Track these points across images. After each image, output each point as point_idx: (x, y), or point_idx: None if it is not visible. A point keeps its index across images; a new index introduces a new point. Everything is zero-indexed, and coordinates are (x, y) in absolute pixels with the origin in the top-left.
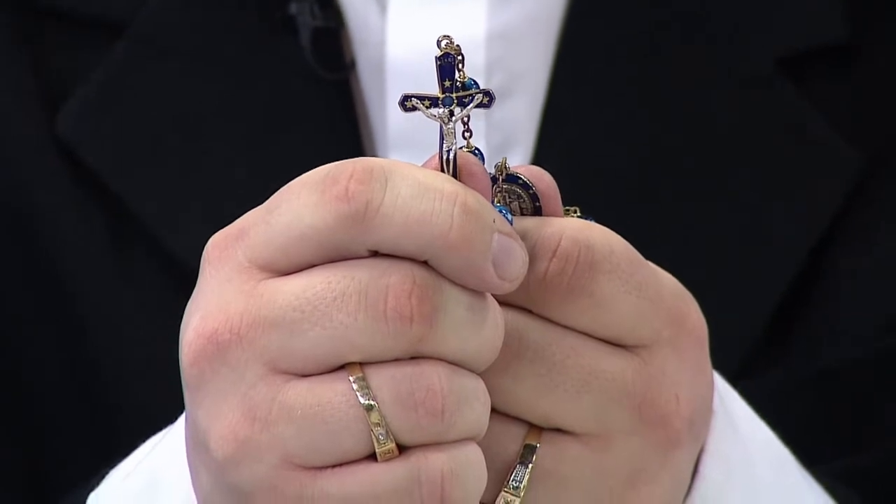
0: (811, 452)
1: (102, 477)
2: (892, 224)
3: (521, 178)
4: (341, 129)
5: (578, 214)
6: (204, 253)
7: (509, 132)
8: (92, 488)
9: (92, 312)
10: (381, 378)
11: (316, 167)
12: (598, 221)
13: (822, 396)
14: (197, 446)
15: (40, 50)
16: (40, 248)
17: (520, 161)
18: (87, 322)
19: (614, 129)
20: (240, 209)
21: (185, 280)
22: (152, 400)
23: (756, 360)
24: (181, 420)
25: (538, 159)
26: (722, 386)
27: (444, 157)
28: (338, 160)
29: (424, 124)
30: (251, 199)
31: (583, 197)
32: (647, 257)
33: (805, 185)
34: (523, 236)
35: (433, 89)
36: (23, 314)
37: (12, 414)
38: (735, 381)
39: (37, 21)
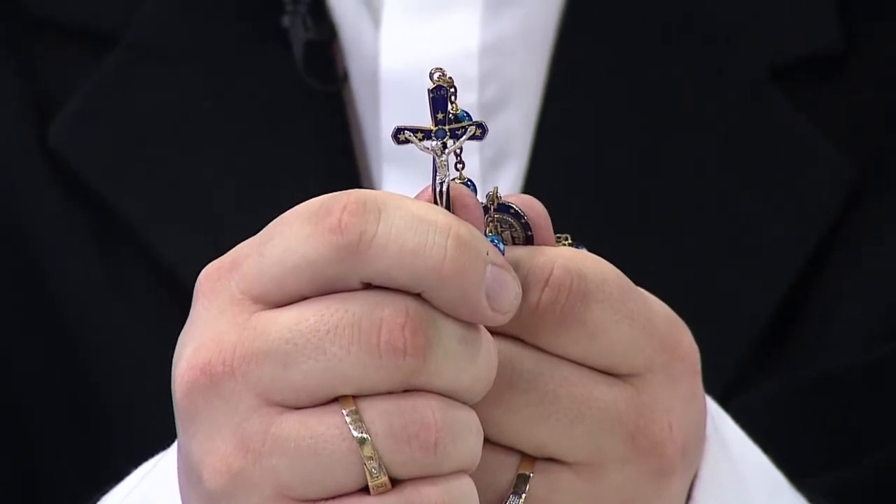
0: (805, 462)
1: (94, 502)
2: (886, 232)
3: (512, 208)
4: (334, 141)
5: (570, 242)
6: (196, 284)
7: (503, 144)
8: None
9: (81, 322)
10: (374, 411)
11: (308, 179)
12: (592, 233)
13: (817, 406)
14: (189, 477)
15: (31, 61)
16: (30, 259)
17: (514, 173)
18: (77, 332)
19: (609, 140)
20: (232, 220)
21: (176, 290)
22: (143, 410)
23: (751, 370)
24: (173, 448)
25: (532, 171)
26: (714, 410)
27: (438, 189)
28: (330, 172)
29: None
30: (243, 210)
31: (577, 209)
32: (642, 269)
33: (798, 195)
34: (515, 266)
35: (426, 103)
36: (11, 325)
37: (2, 425)
38: (729, 391)
39: (28, 32)
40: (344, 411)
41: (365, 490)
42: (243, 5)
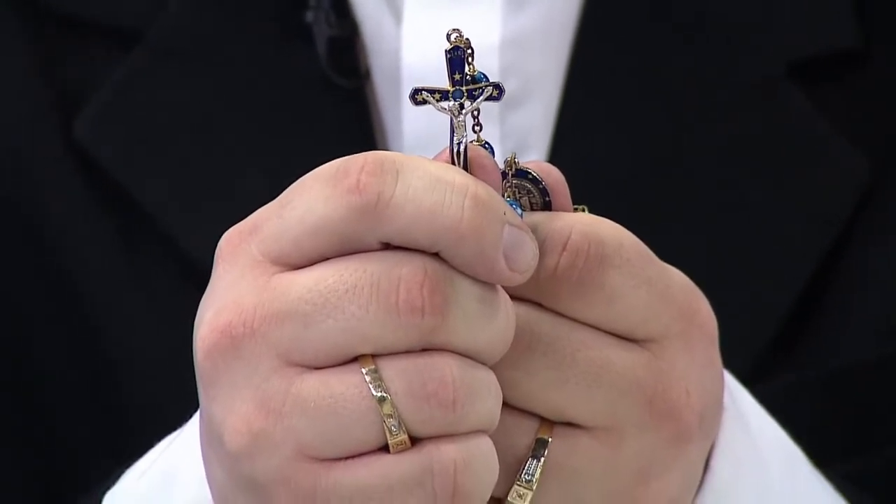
0: (822, 455)
1: (117, 476)
2: None
3: (530, 174)
4: (356, 136)
5: (587, 213)
6: (217, 249)
7: (524, 138)
8: (107, 488)
9: (105, 313)
10: (393, 370)
11: None
12: None
13: (834, 399)
14: (211, 440)
15: (56, 57)
16: (54, 251)
17: None
18: (101, 323)
19: (628, 133)
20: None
21: (199, 280)
22: (165, 398)
23: (768, 364)
24: (195, 417)
25: (553, 164)
26: (732, 383)
27: (455, 150)
28: None
29: (440, 131)
30: (265, 203)
31: (597, 201)
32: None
33: (814, 192)
34: (533, 230)
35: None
36: (36, 316)
37: (26, 413)
38: (747, 383)
39: (52, 29)
40: (363, 370)
41: (385, 448)
42: (266, 2)
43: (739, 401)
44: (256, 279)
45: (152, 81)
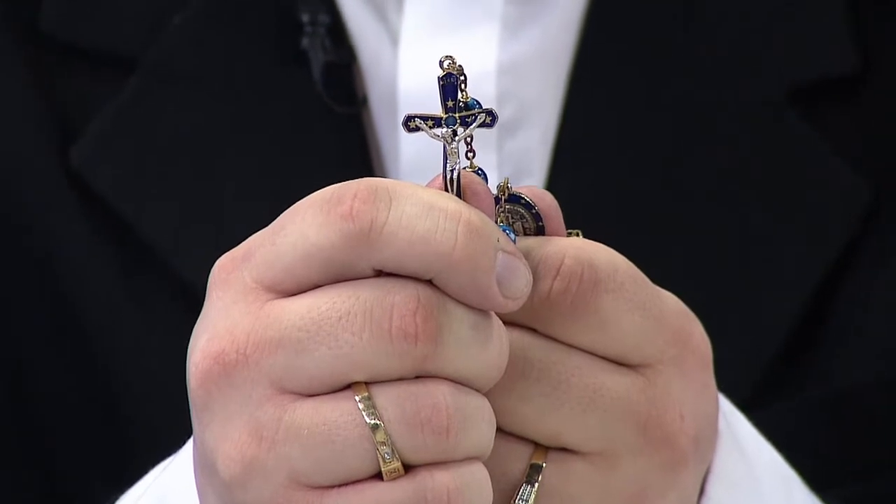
0: (825, 479)
1: (112, 503)
2: None
3: (523, 198)
4: (353, 162)
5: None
6: (210, 275)
7: (522, 163)
8: None
9: (102, 337)
10: (386, 397)
11: None
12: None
13: (836, 423)
14: (204, 467)
15: (54, 84)
16: (52, 275)
17: None
18: (98, 346)
19: (627, 157)
20: None
21: (196, 304)
22: (163, 420)
23: (769, 387)
24: (189, 443)
25: (551, 190)
26: (727, 407)
27: (448, 177)
28: None
29: (437, 157)
30: (262, 228)
31: (596, 224)
32: (659, 285)
33: (814, 216)
34: (526, 255)
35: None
36: (34, 339)
37: (25, 436)
38: (748, 407)
39: (50, 56)
40: (356, 398)
41: (378, 476)
42: (263, 28)
43: (734, 425)
44: (249, 306)
45: (148, 108)
